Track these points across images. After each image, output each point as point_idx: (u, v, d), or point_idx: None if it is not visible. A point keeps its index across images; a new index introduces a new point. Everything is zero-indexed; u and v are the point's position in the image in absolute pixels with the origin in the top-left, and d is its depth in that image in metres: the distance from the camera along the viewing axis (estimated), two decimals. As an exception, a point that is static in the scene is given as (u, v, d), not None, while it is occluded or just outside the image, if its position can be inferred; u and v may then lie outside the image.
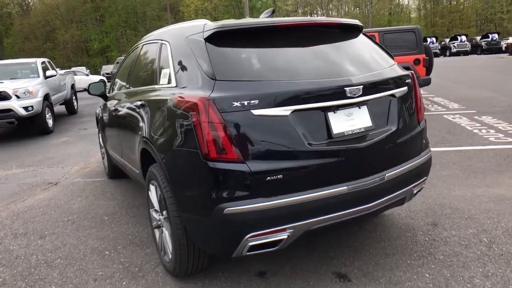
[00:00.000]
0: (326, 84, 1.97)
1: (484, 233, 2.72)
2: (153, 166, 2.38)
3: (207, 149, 1.82)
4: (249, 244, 1.88)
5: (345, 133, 2.02)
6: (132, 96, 3.07)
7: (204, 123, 1.82)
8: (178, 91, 2.13)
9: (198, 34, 2.19)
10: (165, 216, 2.29)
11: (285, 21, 2.18)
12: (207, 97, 1.84)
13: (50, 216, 3.69)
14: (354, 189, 1.98)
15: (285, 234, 1.90)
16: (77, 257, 2.82)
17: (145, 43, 3.18)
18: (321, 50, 2.22)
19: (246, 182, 1.82)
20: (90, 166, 5.52)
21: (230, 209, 1.81)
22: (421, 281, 2.22)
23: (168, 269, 2.41)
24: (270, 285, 2.29)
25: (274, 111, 1.86)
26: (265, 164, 1.84)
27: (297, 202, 1.87)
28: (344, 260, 2.50)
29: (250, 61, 2.08)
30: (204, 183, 1.86)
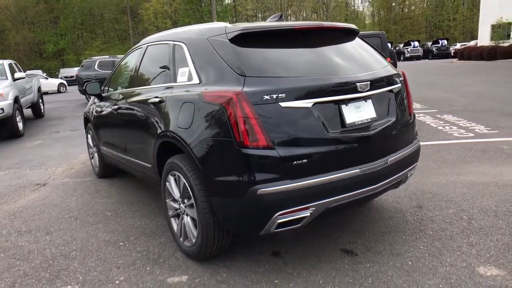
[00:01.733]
0: (341, 80, 2.26)
1: (463, 212, 3.13)
2: (176, 158, 2.55)
3: (241, 138, 2.04)
4: (277, 221, 2.11)
5: (356, 123, 2.32)
6: (139, 95, 3.20)
7: (238, 114, 2.04)
8: (205, 87, 2.33)
9: (220, 35, 2.40)
10: (190, 203, 2.47)
11: (301, 24, 2.45)
12: (240, 91, 2.06)
13: (49, 214, 3.71)
14: (364, 171, 2.28)
15: (308, 212, 2.16)
16: (92, 249, 2.92)
17: (151, 45, 3.32)
18: (330, 50, 2.51)
19: (275, 166, 2.06)
20: (75, 167, 5.49)
21: (263, 190, 2.04)
22: (418, 251, 2.56)
23: (190, 253, 2.59)
24: (286, 262, 2.53)
25: (298, 104, 2.12)
26: (292, 150, 2.09)
27: (318, 183, 2.13)
28: (347, 239, 2.79)
29: (272, 59, 2.32)
30: (239, 168, 2.08)
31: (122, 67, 4.00)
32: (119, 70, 4.06)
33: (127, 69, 3.78)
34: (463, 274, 2.28)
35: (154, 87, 2.98)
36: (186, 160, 2.45)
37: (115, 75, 4.11)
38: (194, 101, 2.35)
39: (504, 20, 23.93)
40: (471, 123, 6.60)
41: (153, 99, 2.84)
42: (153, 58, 3.24)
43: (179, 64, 2.71)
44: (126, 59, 3.95)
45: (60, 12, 49.77)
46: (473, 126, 6.40)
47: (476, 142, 5.32)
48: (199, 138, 2.26)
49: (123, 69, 3.97)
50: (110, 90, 4.10)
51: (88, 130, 4.85)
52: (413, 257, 2.50)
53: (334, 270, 2.40)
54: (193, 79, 2.50)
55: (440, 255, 2.50)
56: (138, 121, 3.13)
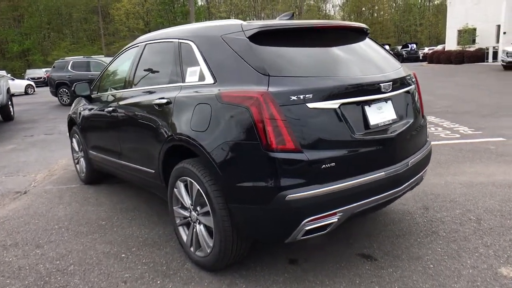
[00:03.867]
0: (366, 80, 2.19)
1: (470, 213, 3.14)
2: (187, 162, 2.39)
3: (268, 140, 1.92)
4: (305, 228, 2.00)
5: (379, 124, 2.25)
6: (139, 96, 3.01)
7: (265, 115, 1.92)
8: (221, 88, 2.19)
9: (236, 33, 2.27)
10: (205, 211, 2.32)
11: (320, 23, 2.36)
12: (266, 91, 1.95)
13: (35, 225, 3.44)
14: (389, 174, 2.22)
15: (336, 218, 2.07)
16: (92, 262, 2.70)
17: (150, 43, 3.14)
18: (349, 50, 2.44)
19: (304, 170, 1.96)
20: (56, 173, 5.16)
21: (291, 196, 1.93)
22: (437, 254, 2.53)
23: (203, 263, 2.43)
24: (306, 270, 2.43)
25: (325, 104, 2.03)
26: (320, 153, 2.00)
27: (346, 188, 2.04)
28: (363, 244, 2.73)
29: (294, 58, 2.22)
30: (265, 172, 1.96)
31: (115, 67, 3.78)
32: (111, 70, 3.84)
33: (122, 69, 3.58)
34: (487, 276, 2.26)
35: (158, 87, 2.80)
36: (200, 165, 2.30)
37: (107, 76, 3.88)
38: (210, 102, 2.21)
39: (469, 26, 25.00)
40: (454, 124, 6.76)
41: (158, 100, 2.67)
42: (154, 57, 3.06)
43: (188, 63, 2.56)
44: (119, 58, 3.73)
45: (24, 10, 47.61)
46: (457, 127, 6.55)
47: (464, 143, 5.43)
48: (218, 141, 2.12)
49: (116, 69, 3.76)
50: (101, 91, 3.86)
51: (74, 134, 4.57)
52: (433, 260, 2.46)
53: (357, 277, 2.32)
54: (206, 78, 2.35)
55: (459, 257, 2.47)
56: (139, 124, 2.95)
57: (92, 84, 4.00)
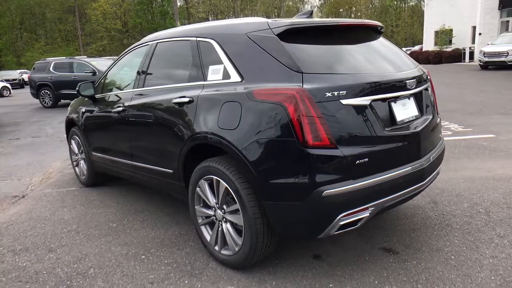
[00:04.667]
0: (394, 77, 2.25)
1: (477, 206, 3.25)
2: (213, 161, 2.39)
3: (305, 137, 1.95)
4: (339, 223, 2.04)
5: (404, 120, 2.31)
6: (154, 95, 2.96)
7: (302, 112, 1.94)
8: (250, 85, 2.20)
9: (263, 31, 2.29)
10: (233, 209, 2.32)
11: (344, 21, 2.41)
12: (303, 88, 1.97)
13: (42, 229, 3.34)
14: (414, 169, 2.28)
15: (368, 212, 2.11)
16: (112, 265, 2.65)
17: (162, 42, 3.11)
18: (371, 47, 2.49)
19: (339, 166, 1.99)
20: (52, 176, 5.02)
21: (328, 191, 1.96)
22: (455, 246, 2.61)
23: (230, 262, 2.43)
24: (332, 265, 2.46)
25: (358, 101, 2.07)
26: (354, 149, 2.03)
27: (377, 183, 2.09)
28: (381, 238, 2.79)
29: (323, 55, 2.25)
30: (302, 169, 1.98)
31: (121, 66, 3.72)
32: (116, 70, 3.77)
33: (130, 68, 3.52)
34: (508, 264, 2.35)
35: (176, 86, 2.78)
36: (228, 163, 2.30)
37: (112, 76, 3.80)
38: (240, 100, 2.21)
39: (446, 27, 25.79)
40: (444, 122, 6.96)
41: (178, 99, 2.65)
42: (168, 55, 3.03)
43: (209, 62, 2.55)
44: (125, 58, 3.67)
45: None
46: (447, 124, 6.75)
47: (457, 140, 5.61)
48: (250, 138, 2.12)
49: (123, 68, 3.69)
50: (105, 91, 3.79)
51: (73, 136, 4.46)
52: (453, 251, 2.54)
53: (384, 270, 2.37)
54: (232, 77, 2.35)
55: (477, 248, 2.56)
56: (155, 124, 2.91)
57: (95, 85, 3.92)
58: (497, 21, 21.96)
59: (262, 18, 2.47)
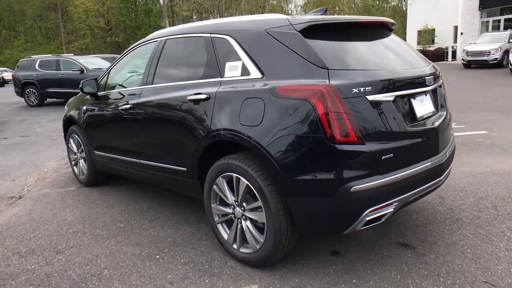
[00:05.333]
0: (414, 74, 2.27)
1: (483, 200, 3.32)
2: (233, 158, 2.36)
3: (333, 133, 1.94)
4: (366, 219, 2.04)
5: (423, 116, 2.34)
6: (165, 92, 2.89)
7: (330, 108, 1.94)
8: (272, 81, 2.18)
9: (284, 27, 2.27)
10: (254, 206, 2.30)
11: (363, 18, 2.41)
12: (331, 84, 1.96)
13: (46, 230, 3.24)
14: (434, 164, 2.31)
15: (392, 207, 2.12)
16: (127, 266, 2.59)
17: (171, 38, 3.05)
18: (388, 44, 2.50)
19: (366, 161, 2.00)
20: (48, 176, 4.89)
21: (356, 187, 1.96)
22: (469, 239, 2.66)
23: (249, 260, 2.41)
24: (352, 261, 2.47)
25: (383, 97, 2.08)
26: (379, 145, 2.04)
27: (402, 178, 2.11)
28: (396, 233, 2.81)
29: (345, 52, 2.25)
30: (330, 165, 1.97)
31: (126, 64, 3.64)
32: (120, 67, 3.68)
33: (136, 65, 3.45)
34: (523, 257, 2.41)
35: (190, 83, 2.73)
36: (249, 160, 2.28)
37: (116, 73, 3.72)
38: (262, 96, 2.19)
39: (429, 27, 26.30)
40: (437, 119, 7.09)
41: (193, 96, 2.60)
42: (180, 52, 2.98)
43: (226, 58, 2.52)
44: (129, 55, 3.59)
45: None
46: (440, 121, 6.88)
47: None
48: (274, 135, 2.10)
49: (127, 66, 3.61)
50: (108, 89, 3.70)
51: (72, 134, 4.34)
52: (468, 245, 2.59)
53: (404, 264, 2.39)
54: (252, 73, 2.33)
55: (491, 241, 2.61)
56: (168, 121, 2.85)
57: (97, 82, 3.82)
58: (477, 21, 22.52)
59: (280, 14, 2.45)
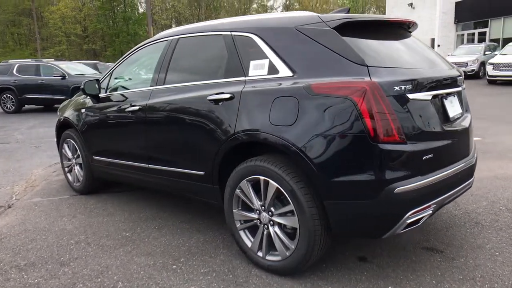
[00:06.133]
0: (446, 74, 2.24)
1: (496, 204, 3.32)
2: (261, 160, 2.23)
3: (377, 132, 1.86)
4: (407, 221, 1.96)
5: (454, 117, 2.30)
6: (180, 93, 2.74)
7: (373, 106, 1.86)
8: (306, 79, 2.09)
9: (316, 24, 2.20)
10: (284, 211, 2.18)
11: (392, 18, 2.37)
12: (374, 82, 1.89)
13: (44, 241, 3.00)
14: (466, 165, 2.27)
15: (431, 210, 2.05)
16: (142, 277, 2.41)
17: (185, 37, 2.92)
18: (412, 44, 2.46)
19: (409, 162, 1.92)
20: (37, 184, 4.60)
21: (400, 188, 1.88)
22: (494, 242, 2.62)
23: (278, 267, 2.28)
24: (382, 267, 2.38)
25: (422, 96, 2.03)
26: (420, 144, 1.98)
27: (441, 179, 2.05)
28: (420, 237, 2.74)
29: (380, 50, 2.19)
30: (373, 165, 1.88)
31: (130, 64, 3.47)
32: (125, 68, 3.51)
33: (144, 65, 3.29)
34: (553, 259, 2.38)
35: (208, 83, 2.60)
36: (280, 162, 2.17)
37: (120, 74, 3.54)
38: (296, 94, 2.09)
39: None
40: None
41: (214, 96, 2.48)
42: (195, 51, 2.85)
43: (249, 57, 2.41)
44: (134, 56, 3.42)
45: None
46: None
47: (448, 142, 5.79)
48: (311, 135, 2.00)
49: (134, 66, 3.45)
50: (111, 91, 3.52)
51: (66, 139, 4.10)
52: (495, 248, 2.55)
53: (436, 269, 2.32)
54: (280, 71, 2.23)
55: (516, 244, 2.59)
56: (183, 123, 2.70)
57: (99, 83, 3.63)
58: (453, 34, 23.37)
59: (307, 12, 2.38)
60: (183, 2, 55.59)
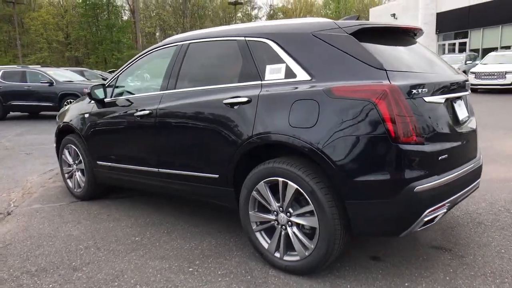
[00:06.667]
0: (453, 79, 2.36)
1: (495, 204, 3.44)
2: (281, 161, 2.29)
3: (397, 133, 1.94)
4: (424, 219, 2.04)
5: (463, 119, 2.41)
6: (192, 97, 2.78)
7: (394, 108, 1.94)
8: (324, 83, 2.16)
9: (333, 30, 2.28)
10: (303, 211, 2.24)
11: (403, 25, 2.48)
12: (394, 85, 1.97)
13: (52, 247, 2.96)
14: (475, 166, 2.38)
15: (445, 208, 2.14)
16: (160, 280, 2.41)
17: (196, 42, 2.97)
18: (420, 50, 2.57)
19: (426, 161, 2.01)
20: (35, 191, 4.51)
21: (420, 187, 1.96)
22: (498, 240, 2.73)
23: (296, 267, 2.32)
24: (396, 265, 2.45)
25: (436, 99, 2.13)
26: (436, 145, 2.07)
27: (454, 178, 2.14)
28: (427, 237, 2.83)
29: (394, 55, 2.28)
30: (394, 165, 1.96)
31: (136, 69, 3.48)
32: (131, 73, 3.52)
33: (152, 70, 3.32)
34: (556, 255, 2.50)
35: (223, 87, 2.64)
36: (300, 163, 2.22)
37: (126, 78, 3.54)
38: (315, 97, 2.15)
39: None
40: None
41: (231, 99, 2.52)
42: (207, 56, 2.89)
43: (265, 61, 2.47)
44: (141, 61, 3.42)
45: None
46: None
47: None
48: (332, 136, 2.07)
49: (139, 71, 3.46)
50: (116, 96, 3.52)
51: (67, 145, 4.06)
52: (500, 245, 2.65)
53: (448, 266, 2.41)
54: (298, 75, 2.30)
55: (519, 242, 2.71)
56: (197, 127, 2.73)
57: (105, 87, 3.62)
58: (435, 44, 24.10)
59: (322, 18, 2.47)
60: (168, 10, 55.58)
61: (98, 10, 43.60)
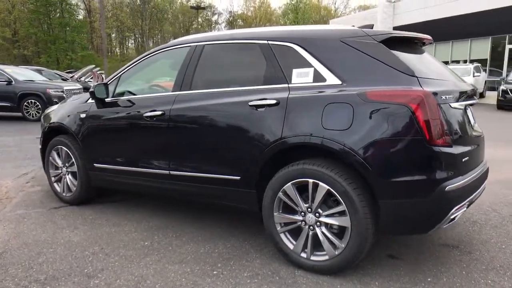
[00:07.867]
0: (465, 87, 2.55)
1: (496, 205, 3.65)
2: (310, 163, 2.33)
3: (432, 136, 2.07)
4: (450, 217, 2.18)
5: (474, 125, 2.61)
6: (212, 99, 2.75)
7: (429, 112, 2.07)
8: (356, 87, 2.24)
9: (362, 37, 2.38)
10: (334, 211, 2.30)
11: (422, 35, 2.64)
12: (428, 91, 2.10)
13: (55, 254, 2.79)
14: (484, 168, 2.58)
15: (465, 207, 2.31)
16: (186, 284, 2.35)
17: (212, 44, 2.94)
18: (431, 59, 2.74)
19: (454, 163, 2.16)
20: (13, 196, 4.21)
21: (450, 186, 2.10)
22: (496, 237, 2.95)
23: (324, 267, 2.36)
24: (413, 263, 2.57)
25: (459, 105, 2.31)
26: (460, 148, 2.23)
27: (473, 179, 2.31)
28: (433, 236, 3.01)
29: (418, 63, 2.42)
30: (429, 166, 2.08)
31: (144, 69, 3.38)
32: (136, 73, 3.40)
33: (160, 71, 3.24)
34: (549, 249, 2.76)
35: (246, 89, 2.63)
36: (331, 164, 2.28)
37: (131, 78, 3.42)
38: (350, 101, 2.23)
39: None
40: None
41: (257, 101, 2.53)
42: (225, 58, 2.89)
43: (291, 65, 2.52)
44: (148, 61, 3.33)
45: None
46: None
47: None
48: (367, 139, 2.15)
49: (147, 71, 3.37)
50: (118, 96, 3.40)
51: (56, 146, 3.83)
52: (500, 242, 2.87)
53: (460, 262, 2.57)
54: (327, 79, 2.37)
55: (515, 238, 2.95)
56: (219, 128, 2.70)
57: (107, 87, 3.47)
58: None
59: (348, 25, 2.57)
60: (126, 11, 54.03)
61: (51, 8, 41.47)
